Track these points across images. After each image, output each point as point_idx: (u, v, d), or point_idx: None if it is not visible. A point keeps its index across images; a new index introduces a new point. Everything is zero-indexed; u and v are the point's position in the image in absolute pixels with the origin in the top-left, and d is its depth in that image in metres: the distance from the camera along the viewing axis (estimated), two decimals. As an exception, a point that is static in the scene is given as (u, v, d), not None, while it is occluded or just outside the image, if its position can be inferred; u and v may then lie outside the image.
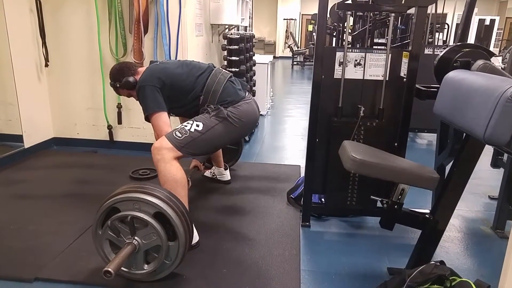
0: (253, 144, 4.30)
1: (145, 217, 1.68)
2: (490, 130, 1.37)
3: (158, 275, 1.81)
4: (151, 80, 2.21)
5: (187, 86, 2.25)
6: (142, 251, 1.74)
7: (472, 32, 10.81)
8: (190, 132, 2.11)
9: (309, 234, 2.38)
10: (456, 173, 1.73)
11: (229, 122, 2.18)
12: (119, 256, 1.64)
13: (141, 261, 1.77)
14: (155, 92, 2.20)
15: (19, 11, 3.39)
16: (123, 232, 1.73)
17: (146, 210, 1.70)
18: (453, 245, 2.31)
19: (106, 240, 1.78)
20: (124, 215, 1.70)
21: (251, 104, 2.33)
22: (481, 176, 3.30)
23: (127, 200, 1.71)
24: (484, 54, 2.03)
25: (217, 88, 2.24)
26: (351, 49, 2.28)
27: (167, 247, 1.73)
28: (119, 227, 1.72)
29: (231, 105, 2.22)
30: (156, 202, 1.69)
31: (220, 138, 2.22)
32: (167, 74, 2.24)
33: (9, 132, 3.67)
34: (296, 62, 13.89)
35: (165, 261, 1.76)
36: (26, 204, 2.63)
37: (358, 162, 1.70)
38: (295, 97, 7.63)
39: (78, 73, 3.72)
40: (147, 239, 1.72)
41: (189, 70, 2.30)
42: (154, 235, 1.70)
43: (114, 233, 1.74)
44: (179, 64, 2.36)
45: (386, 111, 2.29)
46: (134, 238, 1.71)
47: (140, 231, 1.72)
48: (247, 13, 4.91)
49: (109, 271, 1.54)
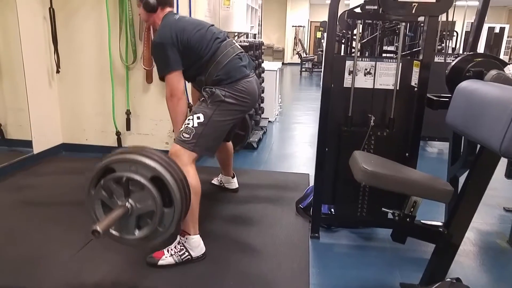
0: (261, 151, 4.27)
1: (141, 180, 1.58)
2: (506, 142, 1.33)
3: (150, 243, 1.72)
4: (170, 37, 2.09)
5: (200, 52, 2.14)
6: (134, 216, 1.64)
7: (481, 40, 10.73)
8: (195, 128, 2.07)
9: (319, 246, 2.34)
10: (471, 186, 1.69)
11: (228, 103, 2.12)
12: (110, 216, 1.56)
13: (132, 226, 1.66)
14: (173, 50, 2.09)
15: (33, 18, 3.44)
16: (116, 193, 1.63)
17: (143, 173, 1.60)
18: (468, 259, 2.25)
19: (98, 201, 1.67)
20: (119, 176, 1.60)
21: (251, 82, 2.24)
22: (495, 186, 3.23)
23: (124, 161, 1.62)
24: (497, 64, 1.98)
25: (222, 60, 2.15)
26: (361, 58, 2.25)
27: (162, 213, 1.62)
28: (113, 188, 1.63)
29: (229, 84, 2.14)
30: (154, 166, 1.59)
31: (224, 123, 2.16)
32: (185, 37, 2.11)
33: (19, 137, 3.69)
34: (304, 69, 13.86)
35: (158, 228, 1.65)
36: (33, 211, 2.63)
37: (369, 173, 1.67)
38: (304, 103, 7.61)
39: (88, 79, 3.74)
40: (141, 203, 1.62)
41: (206, 34, 2.18)
42: (149, 200, 1.60)
43: (107, 194, 1.64)
44: (197, 25, 2.22)
45: (397, 121, 2.26)
46: (128, 201, 1.62)
47: (135, 194, 1.62)
48: (256, 20, 4.92)
49: (97, 230, 1.45)
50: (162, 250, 2.07)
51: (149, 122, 3.75)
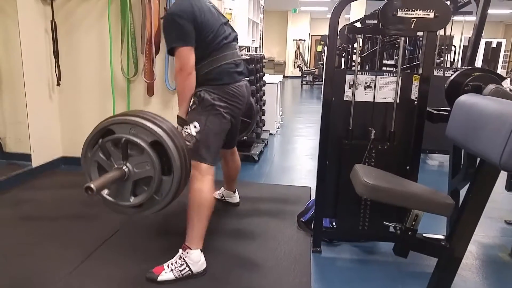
0: (262, 164, 4.27)
1: (141, 143, 1.52)
2: (506, 156, 1.34)
3: (145, 212, 1.66)
4: (190, 11, 2.01)
5: (206, 41, 2.09)
6: (131, 181, 1.57)
7: (479, 54, 10.83)
8: (195, 137, 2.04)
9: (320, 260, 2.32)
10: (472, 199, 1.68)
11: (218, 106, 2.10)
12: (106, 176, 1.51)
13: (128, 192, 1.60)
14: (190, 24, 2.00)
15: (35, 31, 3.47)
16: (114, 156, 1.57)
17: (143, 137, 1.54)
18: (471, 273, 2.24)
19: (94, 163, 1.61)
20: (118, 137, 1.54)
21: (242, 87, 2.22)
22: (496, 199, 3.21)
23: (125, 122, 1.55)
24: (495, 78, 2.00)
25: (219, 59, 2.12)
26: (361, 72, 2.26)
27: (160, 181, 1.56)
28: (111, 150, 1.57)
29: (218, 85, 2.11)
30: (155, 130, 1.53)
31: (219, 126, 2.13)
32: (203, 19, 2.05)
33: (18, 151, 3.68)
34: (305, 82, 13.94)
35: (155, 196, 1.59)
36: (32, 226, 2.61)
37: (370, 187, 1.66)
38: (305, 116, 7.63)
39: (89, 92, 3.76)
40: (139, 168, 1.55)
41: (218, 29, 2.14)
42: (148, 165, 1.53)
43: (105, 156, 1.57)
44: (214, 15, 2.17)
45: (398, 134, 2.26)
46: (125, 164, 1.55)
47: (133, 158, 1.55)
48: (258, 34, 4.96)
49: (91, 187, 1.39)
50: (162, 265, 2.05)
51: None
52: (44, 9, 3.52)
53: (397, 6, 2.03)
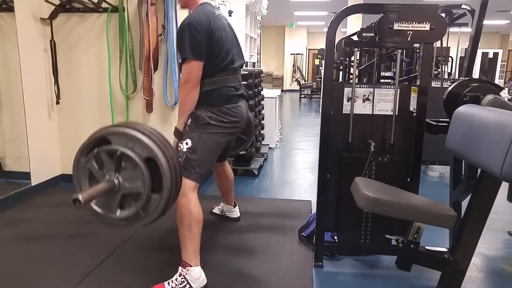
0: (262, 178, 4.25)
1: (136, 159, 1.51)
2: (507, 166, 1.33)
3: (129, 226, 1.64)
4: (207, 25, 2.00)
5: (215, 59, 2.08)
6: (120, 194, 1.56)
7: (476, 64, 10.91)
8: (186, 153, 2.05)
9: (322, 275, 2.30)
10: (474, 210, 1.67)
11: (213, 126, 2.10)
12: (95, 188, 1.49)
13: (115, 204, 1.58)
14: (204, 38, 1.99)
15: (34, 51, 3.49)
16: (107, 166, 1.55)
17: (138, 152, 1.52)
18: (476, 286, 2.20)
19: (86, 170, 1.60)
20: (114, 149, 1.53)
21: (240, 107, 2.23)
22: (498, 210, 3.19)
23: (122, 135, 1.55)
24: (493, 88, 2.00)
25: (221, 82, 2.13)
26: (359, 85, 2.27)
27: (148, 198, 1.54)
28: (105, 160, 1.55)
29: (217, 106, 2.11)
30: (151, 146, 1.52)
31: (212, 145, 2.13)
32: (219, 36, 2.05)
33: (17, 169, 3.67)
34: (303, 95, 14.02)
35: (141, 212, 1.57)
36: (30, 246, 2.58)
37: (371, 200, 1.65)
38: (304, 129, 7.64)
39: (88, 109, 3.76)
40: (130, 182, 1.54)
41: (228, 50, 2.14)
42: (139, 181, 1.52)
43: (97, 165, 1.56)
44: (230, 35, 2.19)
45: (397, 146, 2.26)
46: (117, 177, 1.54)
47: (126, 171, 1.54)
48: (255, 49, 4.99)
49: (78, 199, 1.38)
50: (162, 283, 2.02)
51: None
52: (43, 29, 3.54)
53: (393, 19, 2.05)
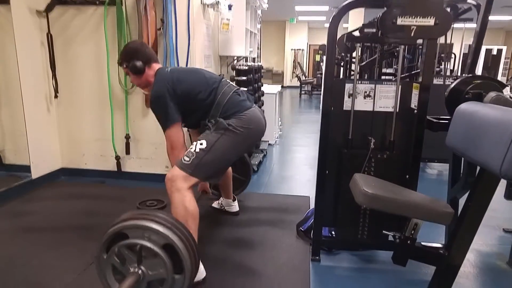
0: (261, 174, 4.26)
1: (155, 248, 1.61)
2: (506, 164, 1.33)
3: None
4: (166, 90, 2.12)
5: (199, 96, 2.18)
6: (145, 282, 1.64)
7: (479, 61, 10.87)
8: (196, 153, 2.07)
9: (319, 268, 2.31)
10: (471, 208, 1.67)
11: (232, 132, 2.13)
12: (124, 285, 1.56)
13: None
14: (170, 102, 2.12)
15: (31, 44, 3.47)
16: (129, 259, 1.64)
17: (155, 240, 1.62)
18: (469, 281, 2.22)
19: (109, 266, 1.68)
20: (133, 243, 1.62)
21: (255, 112, 2.26)
22: (494, 207, 3.20)
23: (137, 227, 1.63)
24: (496, 85, 2.00)
25: (222, 99, 2.19)
26: (360, 81, 2.27)
27: (173, 280, 1.63)
28: (126, 254, 1.64)
29: (234, 116, 2.16)
30: (167, 234, 1.61)
31: (227, 151, 2.16)
32: (182, 86, 2.16)
33: (18, 162, 3.69)
34: (304, 91, 13.98)
35: None
36: (32, 237, 2.60)
37: (370, 196, 1.66)
38: (304, 126, 7.63)
39: (87, 104, 3.76)
40: (153, 270, 1.63)
41: (201, 79, 2.24)
42: (161, 267, 1.62)
43: (120, 260, 1.65)
44: (191, 72, 2.30)
45: (397, 143, 2.26)
46: (140, 268, 1.63)
47: (147, 261, 1.63)
48: (255, 44, 4.98)
49: None
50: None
51: (149, 146, 3.75)
52: (39, 22, 3.51)
53: (396, 14, 2.01)
